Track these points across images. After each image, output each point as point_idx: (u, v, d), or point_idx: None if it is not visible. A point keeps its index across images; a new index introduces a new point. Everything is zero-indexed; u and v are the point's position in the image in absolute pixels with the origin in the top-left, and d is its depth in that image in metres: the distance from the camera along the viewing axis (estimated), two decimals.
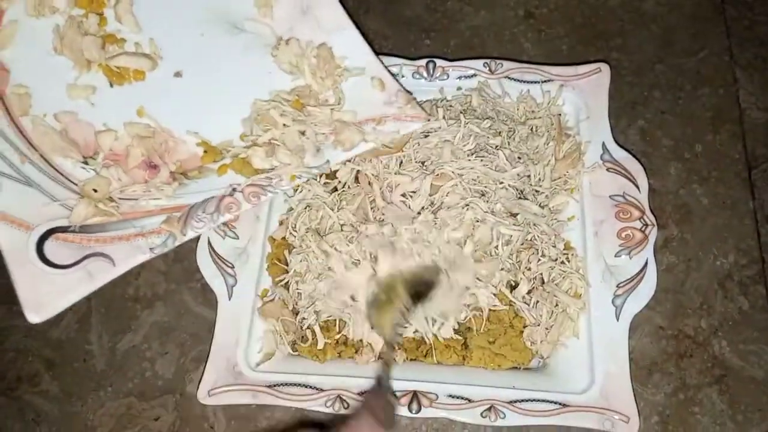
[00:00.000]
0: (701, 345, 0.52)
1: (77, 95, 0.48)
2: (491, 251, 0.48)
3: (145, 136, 0.47)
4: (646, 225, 0.51)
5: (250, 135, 0.48)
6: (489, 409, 0.46)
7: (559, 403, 0.46)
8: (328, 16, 0.51)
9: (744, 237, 0.56)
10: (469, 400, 0.46)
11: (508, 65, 0.57)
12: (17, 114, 0.46)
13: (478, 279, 0.47)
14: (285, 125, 0.47)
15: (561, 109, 0.57)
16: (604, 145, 0.54)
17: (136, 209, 0.45)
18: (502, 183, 0.50)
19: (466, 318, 0.48)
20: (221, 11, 0.51)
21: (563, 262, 0.50)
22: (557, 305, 0.49)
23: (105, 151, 0.48)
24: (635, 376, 0.48)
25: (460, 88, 0.58)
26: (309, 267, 0.50)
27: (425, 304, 0.44)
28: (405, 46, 0.64)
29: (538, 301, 0.49)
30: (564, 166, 0.53)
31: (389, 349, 0.42)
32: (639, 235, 0.50)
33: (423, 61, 0.57)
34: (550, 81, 0.57)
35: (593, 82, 0.56)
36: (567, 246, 0.52)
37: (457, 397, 0.46)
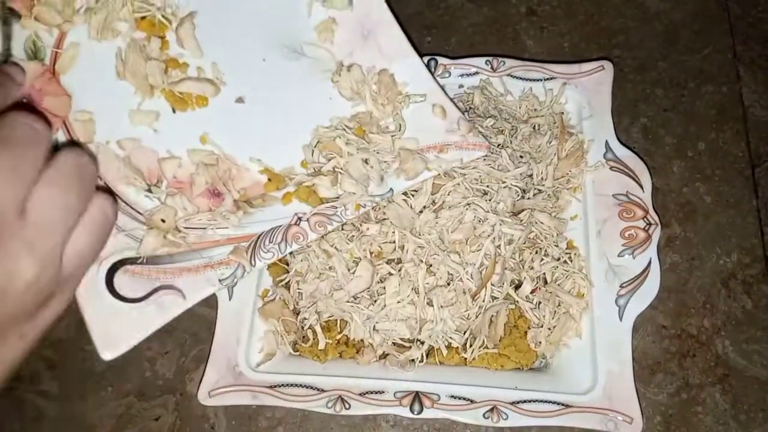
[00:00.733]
0: (704, 344, 0.52)
1: (140, 121, 0.46)
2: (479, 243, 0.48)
3: (210, 163, 0.46)
4: (649, 224, 0.50)
5: (311, 162, 0.47)
6: (491, 410, 0.46)
7: (562, 404, 0.46)
8: (389, 41, 0.50)
9: (747, 236, 0.55)
10: (471, 400, 0.46)
11: (510, 63, 0.57)
12: (82, 141, 0.44)
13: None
14: (349, 153, 0.46)
15: (564, 107, 0.56)
16: (607, 144, 0.54)
17: (203, 239, 0.44)
18: (504, 182, 0.49)
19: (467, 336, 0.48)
20: (281, 35, 0.50)
21: (566, 261, 0.50)
22: (560, 305, 0.49)
23: (168, 179, 0.46)
24: (638, 375, 0.47)
25: (461, 86, 0.57)
26: (310, 266, 0.49)
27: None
28: None
29: (540, 302, 0.49)
30: (567, 164, 0.52)
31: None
32: (642, 235, 0.50)
33: (424, 59, 0.56)
34: (552, 79, 0.56)
35: (596, 79, 0.56)
36: (570, 245, 0.52)
37: (459, 398, 0.46)
